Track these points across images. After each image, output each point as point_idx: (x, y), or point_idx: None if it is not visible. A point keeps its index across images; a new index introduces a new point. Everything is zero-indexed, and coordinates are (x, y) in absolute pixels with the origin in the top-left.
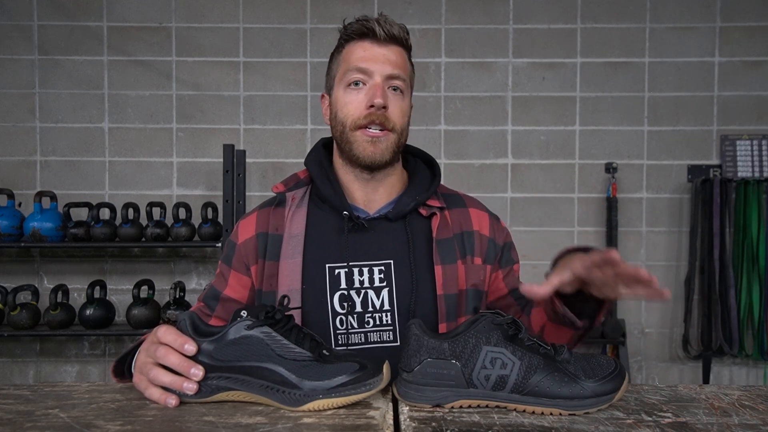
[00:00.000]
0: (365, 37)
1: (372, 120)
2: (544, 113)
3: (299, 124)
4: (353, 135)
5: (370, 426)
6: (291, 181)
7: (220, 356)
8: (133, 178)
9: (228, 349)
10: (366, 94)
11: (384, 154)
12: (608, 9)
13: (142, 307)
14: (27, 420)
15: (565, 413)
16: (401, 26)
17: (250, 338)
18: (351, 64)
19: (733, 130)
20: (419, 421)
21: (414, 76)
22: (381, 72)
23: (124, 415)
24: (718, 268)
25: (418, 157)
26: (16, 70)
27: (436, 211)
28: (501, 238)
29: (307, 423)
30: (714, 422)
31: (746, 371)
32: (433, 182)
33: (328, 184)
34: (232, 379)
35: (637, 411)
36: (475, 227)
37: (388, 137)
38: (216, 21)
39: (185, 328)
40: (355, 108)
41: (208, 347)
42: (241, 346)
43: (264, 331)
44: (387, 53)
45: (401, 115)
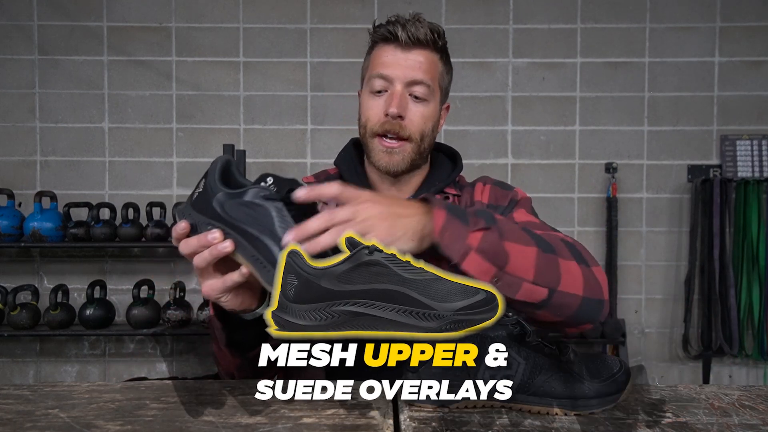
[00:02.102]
0: (389, 41)
1: (387, 129)
2: (544, 113)
3: (299, 124)
4: (372, 142)
5: (370, 426)
6: (321, 175)
7: (228, 211)
8: (133, 178)
9: (237, 209)
10: (385, 102)
11: (400, 165)
12: (608, 9)
13: (142, 307)
14: (27, 420)
15: (570, 413)
16: (432, 27)
17: (261, 208)
18: (374, 69)
19: (733, 130)
20: (419, 421)
21: (449, 75)
22: (401, 79)
23: (124, 415)
24: (718, 268)
25: (441, 151)
26: (16, 70)
27: (450, 196)
28: (505, 200)
29: (307, 423)
30: (714, 422)
31: (746, 371)
32: (453, 171)
33: (357, 180)
34: (233, 237)
35: (637, 411)
36: (477, 198)
37: (403, 147)
38: (216, 21)
39: (214, 170)
40: (374, 114)
41: (221, 198)
42: (250, 210)
43: (277, 206)
44: (410, 59)
45: (421, 122)
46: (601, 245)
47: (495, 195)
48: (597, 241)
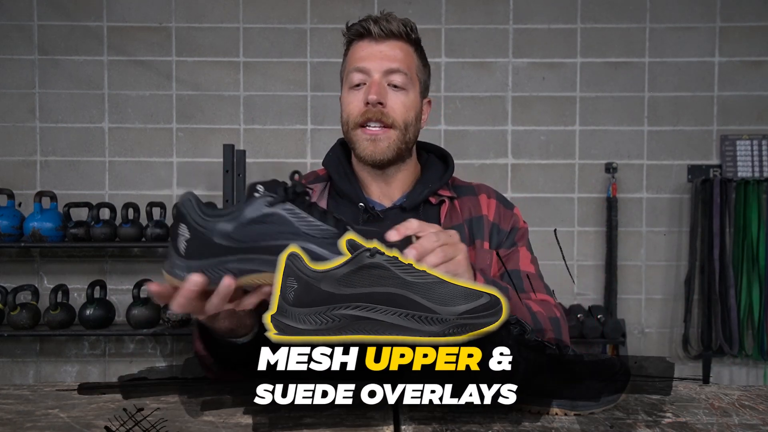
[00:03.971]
0: (363, 36)
1: (369, 117)
2: (544, 113)
3: (299, 124)
4: (355, 134)
5: (370, 426)
6: (311, 176)
7: (240, 237)
8: (133, 178)
9: (248, 229)
10: (364, 92)
11: (385, 152)
12: (608, 9)
13: (142, 307)
14: (27, 420)
15: (570, 413)
16: (403, 21)
17: (273, 216)
18: (351, 65)
19: (733, 130)
20: (419, 421)
21: (425, 69)
22: (378, 69)
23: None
24: (718, 268)
25: (432, 153)
26: (16, 70)
27: (446, 199)
28: (507, 224)
29: (307, 423)
30: (714, 422)
31: (746, 371)
32: (446, 173)
33: (345, 179)
34: (257, 260)
35: (637, 411)
36: (483, 212)
37: (388, 134)
38: (216, 21)
39: (191, 208)
40: (354, 107)
41: (226, 227)
42: (263, 225)
43: (287, 207)
44: (385, 49)
45: (403, 110)
46: (601, 245)
47: (500, 213)
48: (597, 241)
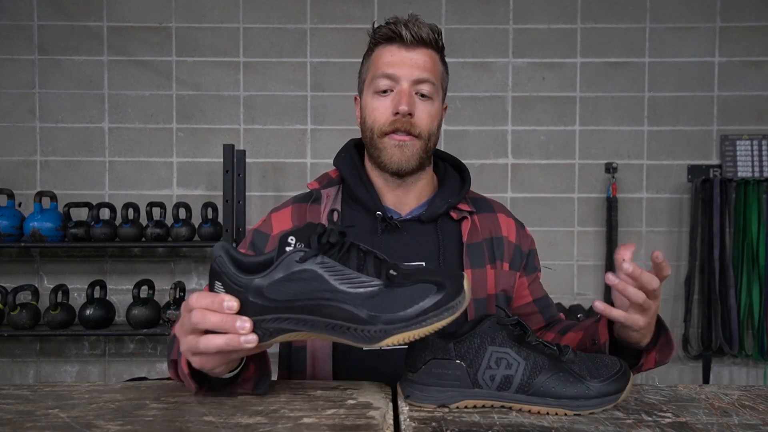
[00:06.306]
0: (393, 41)
1: (397, 127)
2: (544, 113)
3: (299, 124)
4: (381, 142)
5: (370, 426)
6: (324, 179)
7: (273, 295)
8: (133, 178)
9: (281, 287)
10: (392, 101)
11: (410, 160)
12: (608, 9)
13: (142, 307)
14: (27, 420)
15: (570, 413)
16: (432, 27)
17: (306, 273)
18: (378, 70)
19: (733, 130)
20: (419, 421)
21: (447, 78)
22: (408, 77)
23: (124, 415)
24: (718, 268)
25: (447, 162)
26: (16, 70)
27: (467, 215)
28: (526, 246)
29: (307, 423)
30: (714, 422)
31: (746, 371)
32: (464, 186)
33: (362, 185)
34: (293, 320)
35: (637, 411)
36: (503, 233)
37: (414, 143)
38: (216, 21)
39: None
40: (381, 114)
41: (261, 284)
42: (297, 283)
43: (319, 261)
44: (415, 57)
45: (429, 120)
46: (601, 245)
47: (519, 236)
48: (597, 241)
